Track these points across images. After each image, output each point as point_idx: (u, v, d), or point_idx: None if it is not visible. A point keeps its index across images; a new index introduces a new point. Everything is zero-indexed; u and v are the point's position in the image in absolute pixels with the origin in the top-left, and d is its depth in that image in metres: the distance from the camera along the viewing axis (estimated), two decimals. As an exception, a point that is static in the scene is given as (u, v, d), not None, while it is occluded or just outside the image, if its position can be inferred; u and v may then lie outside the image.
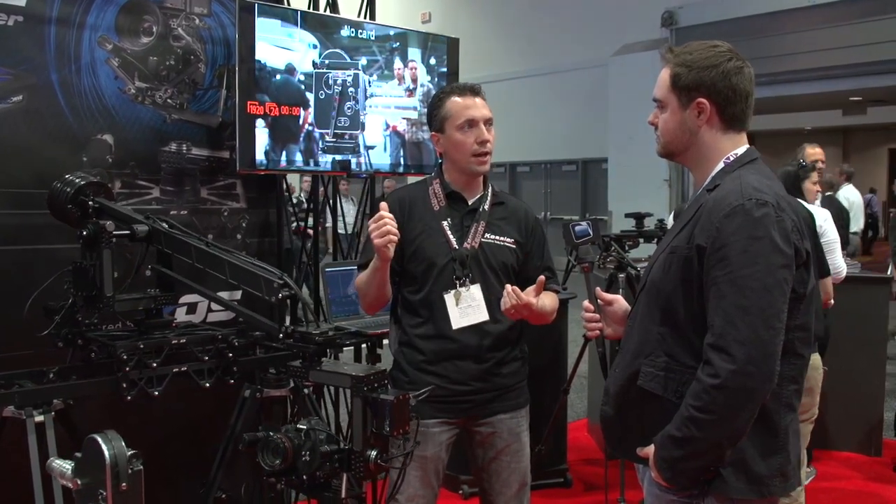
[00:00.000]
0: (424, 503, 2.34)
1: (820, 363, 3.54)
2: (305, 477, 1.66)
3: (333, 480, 1.70)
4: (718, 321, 1.58)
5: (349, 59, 3.34)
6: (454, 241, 2.34)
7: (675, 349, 1.68)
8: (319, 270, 3.40)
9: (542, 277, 2.23)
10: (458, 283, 2.30)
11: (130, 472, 1.20)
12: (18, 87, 2.55)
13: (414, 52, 3.58)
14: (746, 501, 1.65)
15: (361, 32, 3.38)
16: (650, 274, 1.78)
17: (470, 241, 2.34)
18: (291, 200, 4.08)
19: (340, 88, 3.30)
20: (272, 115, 3.06)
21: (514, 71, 14.12)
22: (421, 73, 3.60)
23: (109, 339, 2.11)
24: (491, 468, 2.41)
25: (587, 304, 2.00)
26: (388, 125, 3.51)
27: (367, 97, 3.40)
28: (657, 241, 3.94)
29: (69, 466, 1.30)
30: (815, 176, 4.12)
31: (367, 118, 3.42)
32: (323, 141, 3.28)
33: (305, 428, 1.69)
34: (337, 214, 3.98)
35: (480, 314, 2.30)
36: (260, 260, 2.14)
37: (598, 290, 2.00)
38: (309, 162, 3.23)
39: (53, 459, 1.36)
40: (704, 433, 1.58)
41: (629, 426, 1.77)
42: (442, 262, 2.31)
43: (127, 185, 2.82)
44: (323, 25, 3.29)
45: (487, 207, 2.40)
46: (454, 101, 2.34)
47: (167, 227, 2.23)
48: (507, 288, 2.20)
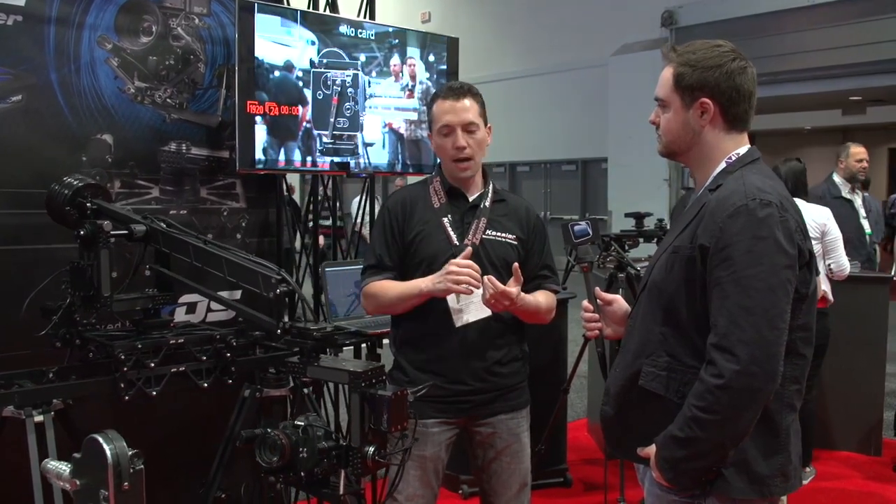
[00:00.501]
0: (424, 503, 2.33)
1: None
2: (303, 474, 1.66)
3: (332, 477, 1.70)
4: (722, 321, 1.57)
5: (348, 58, 3.32)
6: (454, 237, 2.33)
7: (676, 349, 1.67)
8: (320, 270, 3.40)
9: (515, 264, 2.21)
10: None
11: (132, 471, 1.19)
12: (18, 86, 2.55)
13: (413, 51, 3.57)
14: (748, 502, 1.65)
15: (361, 32, 3.38)
16: (651, 274, 1.77)
17: (470, 237, 2.33)
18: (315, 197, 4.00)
19: (339, 89, 3.29)
20: (271, 114, 3.06)
21: (513, 70, 14.11)
22: (420, 70, 3.59)
23: (107, 339, 2.11)
24: (491, 469, 2.40)
25: (586, 303, 1.99)
26: (385, 123, 3.50)
27: (366, 97, 3.39)
28: (657, 241, 3.94)
29: (66, 468, 1.29)
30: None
31: (365, 119, 3.40)
32: (321, 142, 3.26)
33: (303, 424, 1.69)
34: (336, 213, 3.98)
35: (481, 311, 2.28)
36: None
37: (597, 289, 2.00)
38: (307, 159, 3.22)
39: (48, 461, 1.34)
40: (707, 433, 1.57)
41: (630, 426, 1.77)
42: (442, 258, 2.29)
43: (126, 184, 2.82)
44: (322, 23, 3.29)
45: (488, 204, 2.40)
46: (439, 103, 2.35)
47: (165, 226, 2.23)
48: (484, 278, 2.19)
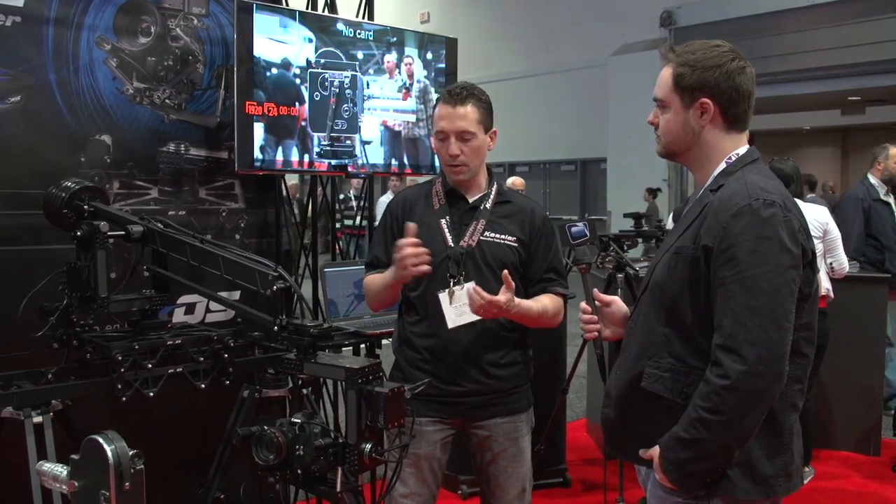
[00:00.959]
0: (420, 501, 2.33)
1: None
2: (300, 471, 1.65)
3: (329, 474, 1.69)
4: (728, 322, 1.57)
5: (346, 58, 3.30)
6: (450, 238, 2.32)
7: (679, 350, 1.67)
8: (319, 270, 3.40)
9: (505, 272, 2.20)
10: (451, 281, 2.27)
11: (133, 471, 1.19)
12: (16, 87, 2.54)
13: (412, 51, 3.56)
14: (752, 502, 1.65)
15: (360, 33, 3.37)
16: (653, 275, 1.77)
17: (467, 238, 2.32)
18: (338, 198, 3.97)
19: (337, 90, 3.27)
20: (270, 115, 3.05)
21: (512, 71, 14.11)
22: (417, 68, 3.58)
23: (105, 340, 2.10)
24: (489, 471, 2.40)
25: (584, 305, 1.99)
26: (382, 122, 3.47)
27: (364, 99, 3.37)
28: (656, 241, 3.93)
29: (63, 469, 1.28)
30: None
31: (364, 120, 3.38)
32: (319, 144, 3.24)
33: (300, 422, 1.68)
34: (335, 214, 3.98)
35: (473, 314, 2.26)
36: (258, 260, 2.13)
37: (595, 291, 1.99)
38: (304, 157, 3.20)
39: (43, 463, 1.33)
40: (713, 434, 1.57)
41: (631, 428, 1.76)
42: (438, 259, 2.28)
43: (125, 185, 2.82)
44: (320, 22, 3.28)
45: (489, 205, 2.38)
46: (439, 107, 2.34)
47: (162, 226, 2.22)
48: (469, 287, 2.19)
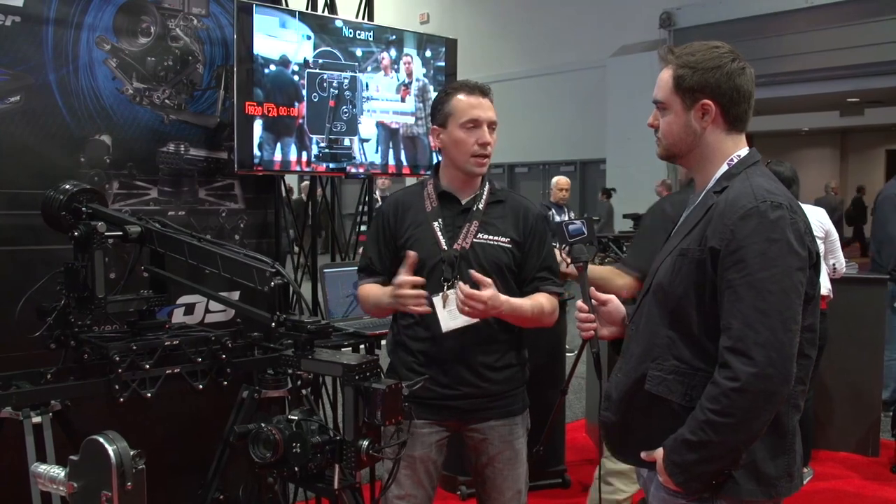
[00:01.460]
0: (416, 502, 2.32)
1: None
2: (297, 468, 1.65)
3: (327, 471, 1.68)
4: (736, 324, 1.56)
5: (344, 59, 3.29)
6: (444, 241, 2.30)
7: (684, 352, 1.67)
8: (318, 271, 3.40)
9: (471, 271, 2.20)
10: (445, 285, 2.25)
11: (134, 471, 1.19)
12: (16, 87, 2.54)
13: (411, 51, 3.55)
14: (755, 503, 1.65)
15: (360, 34, 3.36)
16: (656, 277, 1.76)
17: (460, 241, 2.30)
18: (364, 200, 3.92)
19: (336, 91, 3.25)
20: (270, 115, 3.05)
21: (512, 72, 14.12)
22: (416, 66, 3.56)
23: (102, 340, 2.09)
24: (484, 474, 2.40)
25: (581, 304, 1.99)
26: (379, 122, 3.45)
27: (363, 101, 3.34)
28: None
29: (59, 471, 1.28)
30: None
31: (362, 122, 3.36)
32: (318, 147, 3.21)
33: (297, 419, 1.67)
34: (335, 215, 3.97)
35: (471, 319, 2.23)
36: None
37: (592, 289, 1.99)
38: (303, 155, 3.17)
39: (38, 465, 1.32)
40: (722, 437, 1.57)
41: (633, 430, 1.76)
42: (431, 263, 2.28)
43: (125, 185, 2.82)
44: (319, 21, 3.27)
45: (482, 206, 2.36)
46: (461, 98, 2.31)
47: (159, 226, 2.22)
48: (457, 285, 2.19)
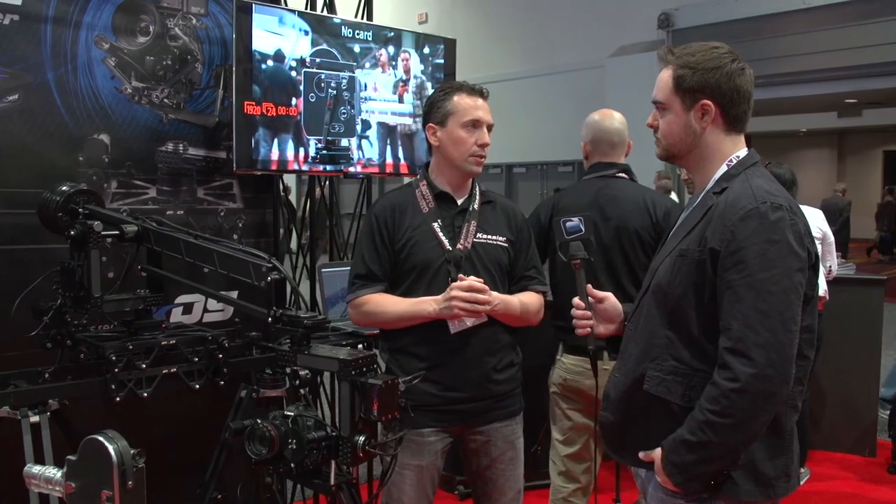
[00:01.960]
0: None
1: None
2: (293, 464, 1.64)
3: (323, 467, 1.68)
4: (736, 325, 1.57)
5: (342, 58, 3.27)
6: (446, 242, 2.31)
7: (682, 353, 1.67)
8: (316, 270, 3.39)
9: (462, 276, 2.22)
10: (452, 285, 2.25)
11: (134, 470, 1.19)
12: (14, 86, 2.54)
13: (409, 49, 3.54)
14: (754, 503, 1.66)
15: (358, 33, 3.36)
16: (654, 277, 1.76)
17: (462, 241, 2.31)
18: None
19: (335, 92, 3.24)
20: (269, 115, 3.05)
21: (510, 72, 14.11)
22: (414, 63, 3.54)
23: (98, 340, 2.09)
24: (486, 475, 2.40)
25: (577, 301, 1.99)
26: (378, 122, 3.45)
27: (362, 101, 3.33)
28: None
29: (56, 471, 1.27)
30: None
31: (360, 122, 3.34)
32: (315, 149, 3.18)
33: (293, 415, 1.67)
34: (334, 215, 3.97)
35: (478, 316, 2.26)
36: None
37: (589, 287, 1.99)
38: (300, 151, 3.16)
39: (31, 466, 1.31)
40: (721, 437, 1.57)
41: (631, 431, 1.76)
42: (436, 264, 2.28)
43: (123, 184, 2.81)
44: (318, 21, 3.27)
45: (477, 206, 2.37)
46: (463, 97, 2.32)
47: (156, 225, 2.22)
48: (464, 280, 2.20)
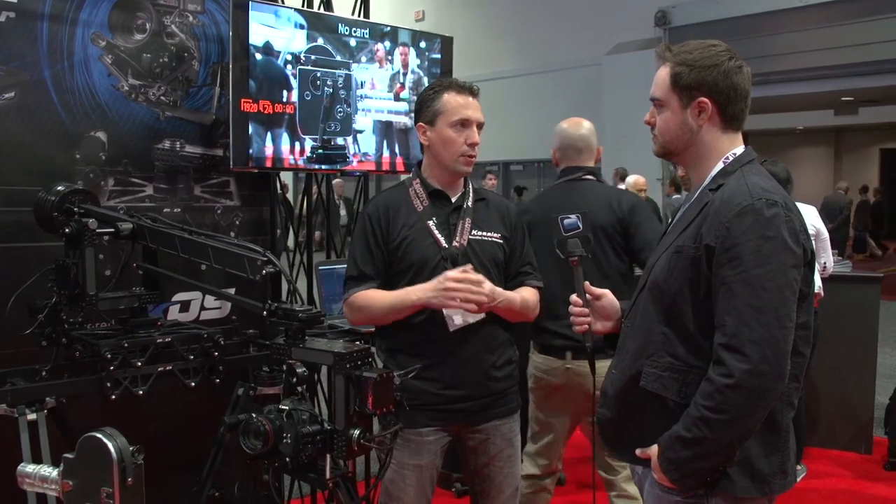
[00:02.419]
0: None
1: None
2: (288, 459, 1.65)
3: (319, 461, 1.68)
4: (731, 321, 1.57)
5: (338, 56, 3.24)
6: (442, 239, 2.30)
7: (679, 349, 1.67)
8: (313, 268, 3.39)
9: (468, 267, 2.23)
10: None
11: (134, 466, 1.19)
12: (10, 83, 2.53)
13: (407, 43, 3.54)
14: (750, 500, 1.66)
15: (355, 31, 3.35)
16: (651, 274, 1.76)
17: (458, 238, 2.31)
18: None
19: (331, 90, 3.21)
20: (265, 112, 3.04)
21: (507, 69, 14.11)
22: (412, 58, 3.52)
23: (93, 338, 2.09)
24: (484, 473, 2.40)
25: (575, 297, 2.00)
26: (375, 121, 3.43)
27: (358, 99, 3.31)
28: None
29: (51, 470, 1.27)
30: None
31: (356, 121, 3.31)
32: (311, 149, 3.15)
33: (287, 409, 1.67)
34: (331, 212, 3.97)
35: (475, 314, 2.26)
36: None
37: (586, 284, 2.00)
38: (295, 145, 3.12)
39: (25, 465, 1.31)
40: (716, 434, 1.57)
41: (629, 428, 1.76)
42: (433, 262, 2.27)
43: (120, 182, 2.81)
44: (316, 19, 3.25)
45: (471, 204, 2.37)
46: (452, 96, 2.30)
47: (151, 222, 2.21)
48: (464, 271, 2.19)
